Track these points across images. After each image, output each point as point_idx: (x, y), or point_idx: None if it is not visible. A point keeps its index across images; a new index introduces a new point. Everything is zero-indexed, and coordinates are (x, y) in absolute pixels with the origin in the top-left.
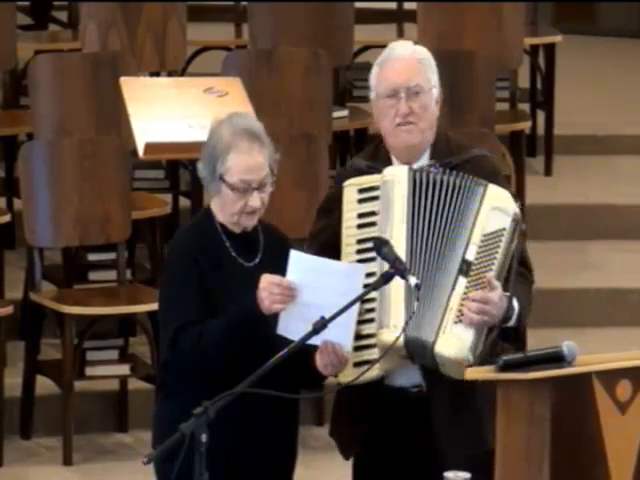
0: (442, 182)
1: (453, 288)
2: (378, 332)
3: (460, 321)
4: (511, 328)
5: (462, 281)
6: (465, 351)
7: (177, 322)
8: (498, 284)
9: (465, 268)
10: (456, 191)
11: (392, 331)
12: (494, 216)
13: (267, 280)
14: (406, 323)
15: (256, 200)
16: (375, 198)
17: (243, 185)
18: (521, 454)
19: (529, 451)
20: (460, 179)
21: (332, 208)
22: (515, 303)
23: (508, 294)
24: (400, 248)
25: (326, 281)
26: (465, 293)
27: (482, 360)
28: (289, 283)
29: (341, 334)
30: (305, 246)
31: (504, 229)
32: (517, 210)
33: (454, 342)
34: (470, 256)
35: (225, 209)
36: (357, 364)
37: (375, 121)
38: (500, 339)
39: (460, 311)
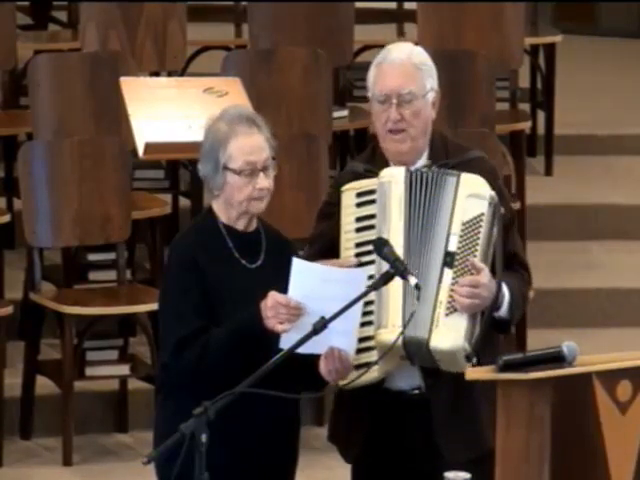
0: (428, 179)
1: (440, 281)
2: (377, 333)
3: (451, 313)
4: (504, 320)
5: (448, 273)
6: (460, 340)
7: (179, 331)
8: (483, 265)
9: (449, 260)
10: (432, 185)
11: (390, 331)
12: (471, 203)
13: (274, 299)
14: (404, 325)
15: (264, 181)
16: (373, 201)
17: (249, 167)
18: (521, 454)
19: (529, 451)
20: (432, 173)
21: (331, 212)
22: (505, 289)
23: (496, 280)
24: (398, 247)
25: (329, 289)
26: (452, 284)
27: (479, 348)
28: (296, 303)
29: (344, 341)
30: (305, 250)
31: (482, 214)
32: (493, 194)
33: (448, 334)
34: (452, 247)
35: (233, 199)
36: (357, 367)
37: (372, 120)
38: (495, 331)
39: (450, 302)
